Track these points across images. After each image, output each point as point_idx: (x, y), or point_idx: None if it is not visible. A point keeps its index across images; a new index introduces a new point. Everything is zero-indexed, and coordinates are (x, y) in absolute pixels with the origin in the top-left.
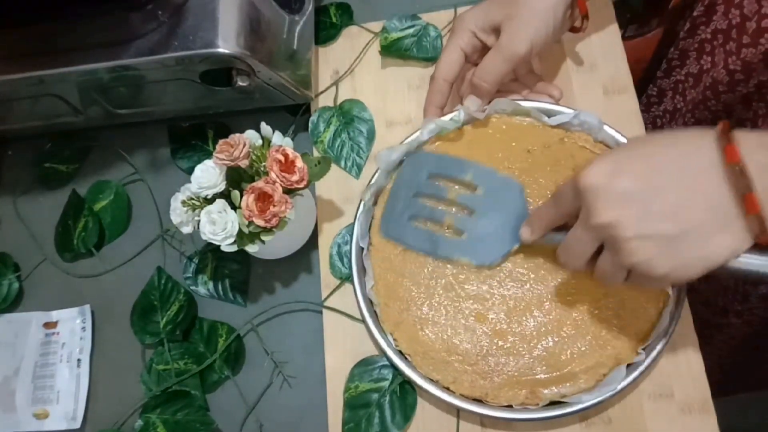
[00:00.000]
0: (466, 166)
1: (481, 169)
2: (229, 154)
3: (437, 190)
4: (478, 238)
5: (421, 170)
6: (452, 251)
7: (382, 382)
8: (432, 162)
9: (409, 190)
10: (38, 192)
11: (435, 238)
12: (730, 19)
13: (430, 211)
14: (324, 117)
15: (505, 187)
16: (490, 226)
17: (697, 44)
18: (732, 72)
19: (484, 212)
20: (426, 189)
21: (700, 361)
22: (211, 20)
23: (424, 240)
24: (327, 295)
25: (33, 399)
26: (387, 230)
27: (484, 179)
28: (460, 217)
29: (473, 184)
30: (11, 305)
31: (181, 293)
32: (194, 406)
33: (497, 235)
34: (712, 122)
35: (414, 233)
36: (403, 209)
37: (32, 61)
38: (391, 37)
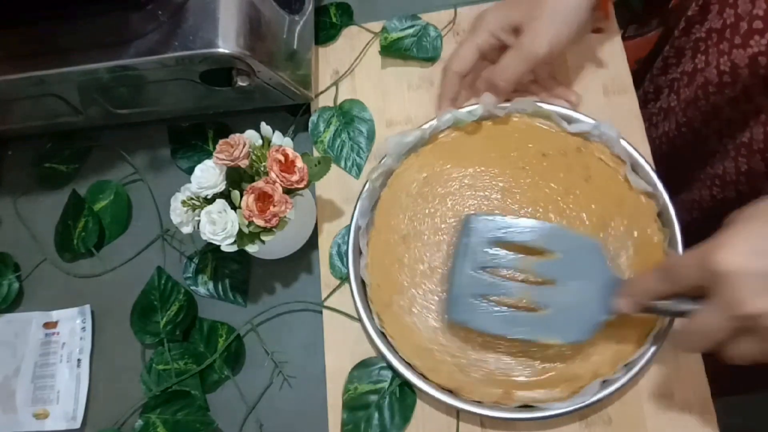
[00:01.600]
0: (531, 227)
1: (551, 230)
2: (229, 154)
3: (505, 260)
4: (562, 313)
5: (480, 238)
6: (536, 332)
7: (381, 384)
8: (491, 227)
9: (473, 264)
10: (38, 192)
11: (512, 318)
12: (725, 18)
13: (504, 288)
14: (324, 117)
15: (583, 248)
16: (574, 297)
17: (692, 43)
18: (722, 73)
19: (565, 281)
20: (491, 260)
21: (700, 361)
22: (211, 20)
23: (500, 322)
24: (327, 295)
25: (33, 399)
26: (454, 313)
27: (557, 241)
28: (538, 290)
29: (547, 249)
30: (11, 305)
31: (181, 293)
32: (194, 406)
33: (584, 306)
34: (702, 123)
35: (487, 314)
36: (468, 287)
37: (32, 61)
38: (391, 37)
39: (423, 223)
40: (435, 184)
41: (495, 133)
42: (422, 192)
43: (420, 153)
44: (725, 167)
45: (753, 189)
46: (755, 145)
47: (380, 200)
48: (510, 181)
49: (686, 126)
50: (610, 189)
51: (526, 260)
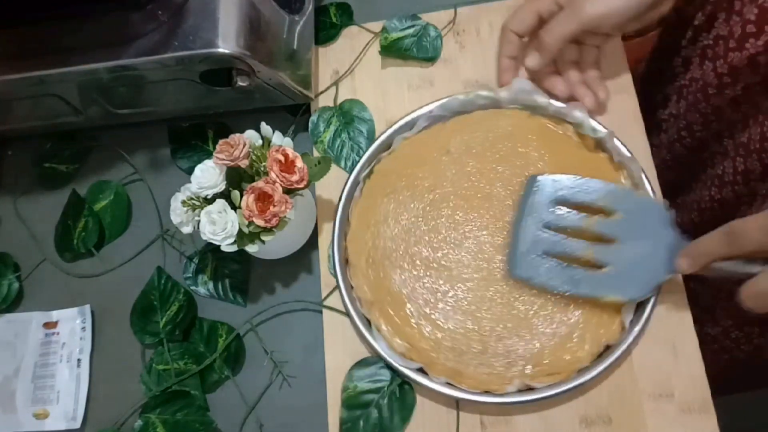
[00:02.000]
0: (597, 187)
1: (616, 190)
2: (229, 154)
3: (570, 219)
4: (623, 271)
5: (543, 196)
6: (597, 288)
7: (380, 383)
8: (554, 187)
9: (536, 222)
10: (38, 192)
11: (575, 275)
12: (731, 25)
13: (567, 245)
14: (324, 117)
15: (647, 208)
16: (635, 256)
17: (700, 50)
18: (720, 75)
19: (627, 240)
20: (555, 220)
21: (700, 361)
22: (211, 20)
23: (563, 279)
24: (327, 295)
25: (33, 399)
26: (517, 269)
27: (621, 201)
28: (600, 248)
29: (609, 208)
30: (11, 305)
31: (181, 293)
32: (194, 406)
33: (645, 265)
34: (703, 125)
35: (550, 271)
36: (532, 245)
37: (32, 61)
38: (391, 37)
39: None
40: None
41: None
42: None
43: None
44: (724, 167)
45: (749, 190)
46: (752, 144)
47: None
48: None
49: (686, 129)
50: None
51: (589, 219)
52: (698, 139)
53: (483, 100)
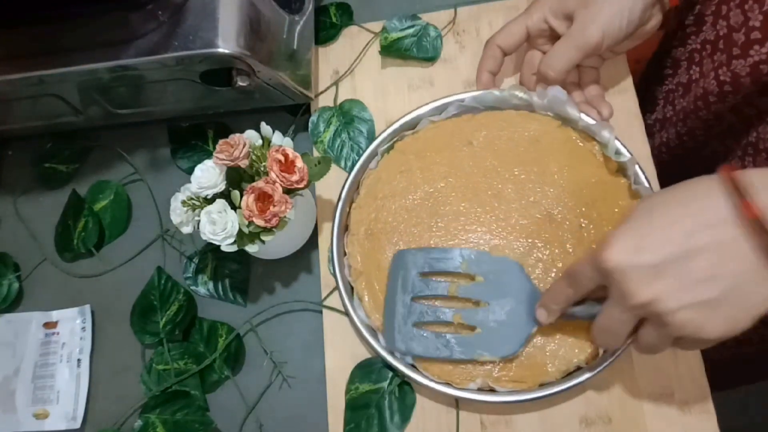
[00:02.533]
0: (453, 255)
1: (473, 256)
2: (229, 154)
3: (433, 288)
4: (492, 330)
5: (408, 271)
6: (470, 351)
7: (381, 383)
8: (417, 259)
9: (404, 295)
10: (38, 192)
11: (447, 342)
12: (718, 30)
13: (435, 313)
14: (324, 117)
15: (504, 268)
16: (501, 314)
17: (688, 54)
18: (722, 83)
19: (491, 300)
20: (421, 290)
21: (700, 361)
22: (211, 20)
23: (436, 347)
24: (327, 295)
25: (33, 399)
26: (393, 342)
27: (479, 265)
28: (468, 312)
29: (469, 274)
30: (11, 305)
31: (181, 293)
32: (194, 406)
33: (511, 322)
34: (703, 131)
35: (424, 342)
36: (404, 318)
37: (32, 61)
38: (391, 37)
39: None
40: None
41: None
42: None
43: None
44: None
45: None
46: (761, 144)
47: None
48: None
49: (687, 135)
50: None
51: (453, 286)
52: (700, 143)
53: (517, 100)
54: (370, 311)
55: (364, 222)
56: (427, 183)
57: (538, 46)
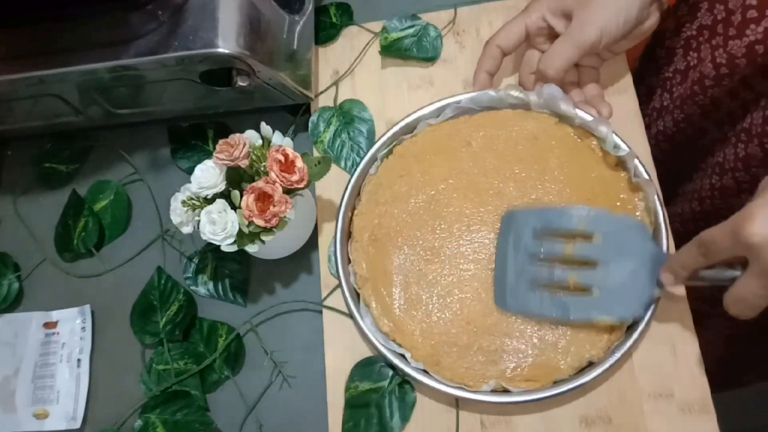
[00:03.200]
0: (572, 214)
1: (592, 212)
2: (229, 154)
3: (550, 248)
4: (610, 292)
5: (522, 231)
6: (587, 312)
7: (381, 382)
8: (530, 219)
9: (519, 255)
10: (38, 192)
11: (564, 302)
12: (715, 14)
13: (551, 273)
14: (324, 117)
15: (625, 227)
16: (619, 276)
17: (683, 41)
18: (718, 66)
19: (609, 261)
20: (535, 250)
21: (700, 361)
22: (211, 20)
23: (552, 306)
24: (327, 295)
25: (33, 399)
26: (506, 303)
27: (598, 224)
28: (584, 272)
29: (588, 232)
30: (11, 305)
31: (181, 293)
32: (194, 406)
33: (631, 283)
34: (701, 116)
35: (539, 301)
36: (518, 277)
37: (32, 61)
38: (391, 37)
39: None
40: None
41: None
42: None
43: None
44: (725, 154)
45: (750, 176)
46: (754, 129)
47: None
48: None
49: (685, 122)
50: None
51: (569, 246)
52: (697, 129)
53: (513, 99)
54: (378, 317)
55: (368, 228)
56: (428, 186)
57: (537, 45)
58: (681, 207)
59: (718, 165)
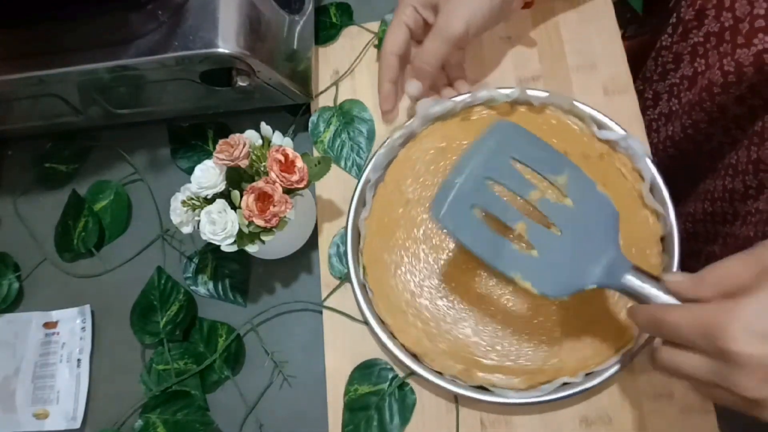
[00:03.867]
0: (563, 165)
1: (580, 176)
2: (229, 154)
3: (519, 183)
4: (550, 262)
5: (504, 148)
6: (516, 267)
7: (381, 385)
8: (523, 143)
9: (481, 169)
10: (38, 192)
11: (500, 245)
12: (722, 21)
13: (503, 208)
14: (324, 117)
15: (600, 207)
16: (569, 251)
17: (690, 47)
18: (726, 73)
19: (567, 231)
20: (505, 177)
21: None
22: (211, 20)
23: (486, 242)
24: (327, 295)
25: (33, 399)
26: (439, 212)
27: (579, 190)
28: (536, 227)
29: (563, 192)
30: (11, 305)
31: (181, 293)
32: (194, 406)
33: (573, 265)
34: (708, 122)
35: (475, 228)
36: (467, 191)
37: (32, 61)
38: None
39: (429, 191)
40: (450, 156)
41: (525, 120)
42: (436, 161)
43: (446, 123)
44: (738, 156)
45: (758, 181)
46: (766, 133)
47: (396, 159)
48: None
49: (692, 127)
50: (622, 201)
51: (536, 192)
52: (705, 134)
53: (440, 108)
54: (383, 311)
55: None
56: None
57: (419, 38)
58: (693, 206)
59: (731, 166)
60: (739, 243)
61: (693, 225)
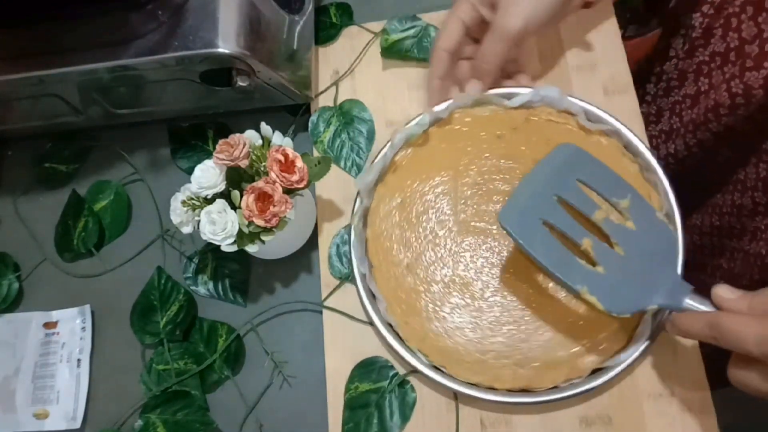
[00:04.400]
0: (626, 190)
1: (641, 202)
2: (229, 154)
3: (585, 203)
4: (616, 279)
5: (572, 170)
6: (583, 281)
7: (381, 383)
8: (589, 167)
9: (551, 188)
10: (38, 192)
11: (568, 259)
12: (728, 42)
13: (570, 225)
14: (324, 117)
15: (661, 233)
16: (632, 270)
17: (695, 66)
18: (734, 95)
19: (629, 252)
20: (572, 197)
21: (700, 361)
22: (211, 20)
23: (554, 254)
24: (327, 295)
25: (33, 399)
26: (510, 222)
27: (640, 214)
28: (601, 245)
29: (626, 215)
30: (11, 305)
31: (181, 293)
32: (194, 406)
33: (636, 284)
34: (715, 141)
35: (544, 240)
36: (537, 206)
37: (32, 61)
38: (392, 38)
39: (419, 244)
40: (412, 205)
41: (444, 134)
42: (404, 217)
43: (385, 182)
44: (747, 172)
45: (767, 198)
46: None
47: (368, 241)
48: (479, 173)
49: (697, 146)
50: (571, 141)
51: (601, 213)
52: (710, 152)
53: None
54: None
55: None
56: (428, 188)
57: (474, 36)
58: (700, 219)
59: (740, 182)
60: (749, 259)
61: (700, 237)
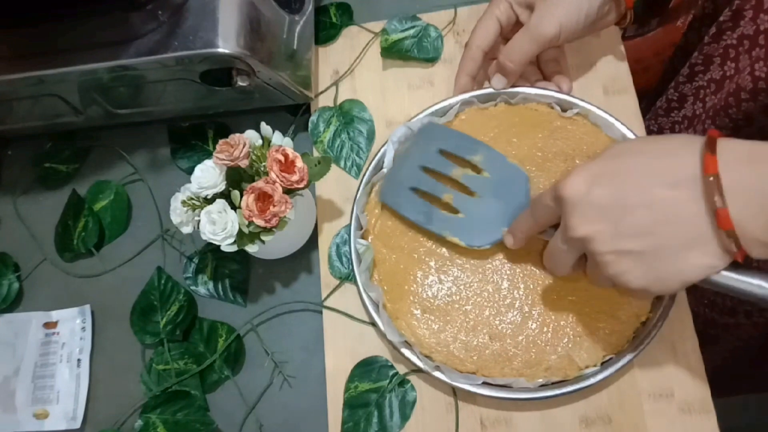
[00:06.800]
0: (477, 147)
1: (492, 153)
2: (229, 154)
3: (443, 165)
4: (473, 221)
5: (431, 143)
6: (445, 227)
7: (381, 382)
8: (444, 137)
9: (415, 161)
10: (38, 192)
11: (430, 212)
12: (758, 24)
13: (432, 185)
14: (324, 117)
15: (512, 175)
16: (488, 211)
17: (722, 50)
18: (756, 78)
19: (485, 196)
20: (432, 163)
21: (700, 361)
22: (211, 20)
23: (419, 211)
24: (327, 295)
25: (33, 399)
26: (385, 196)
27: (492, 163)
28: (460, 196)
29: (480, 167)
30: (11, 305)
31: (181, 293)
32: (194, 406)
33: (493, 221)
34: (733, 130)
35: (411, 202)
36: (405, 178)
37: (32, 61)
38: (392, 38)
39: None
40: None
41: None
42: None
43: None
44: None
45: None
46: None
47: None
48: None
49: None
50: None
51: (458, 170)
52: None
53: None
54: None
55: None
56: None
57: (507, 36)
58: None
59: None
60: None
61: None
